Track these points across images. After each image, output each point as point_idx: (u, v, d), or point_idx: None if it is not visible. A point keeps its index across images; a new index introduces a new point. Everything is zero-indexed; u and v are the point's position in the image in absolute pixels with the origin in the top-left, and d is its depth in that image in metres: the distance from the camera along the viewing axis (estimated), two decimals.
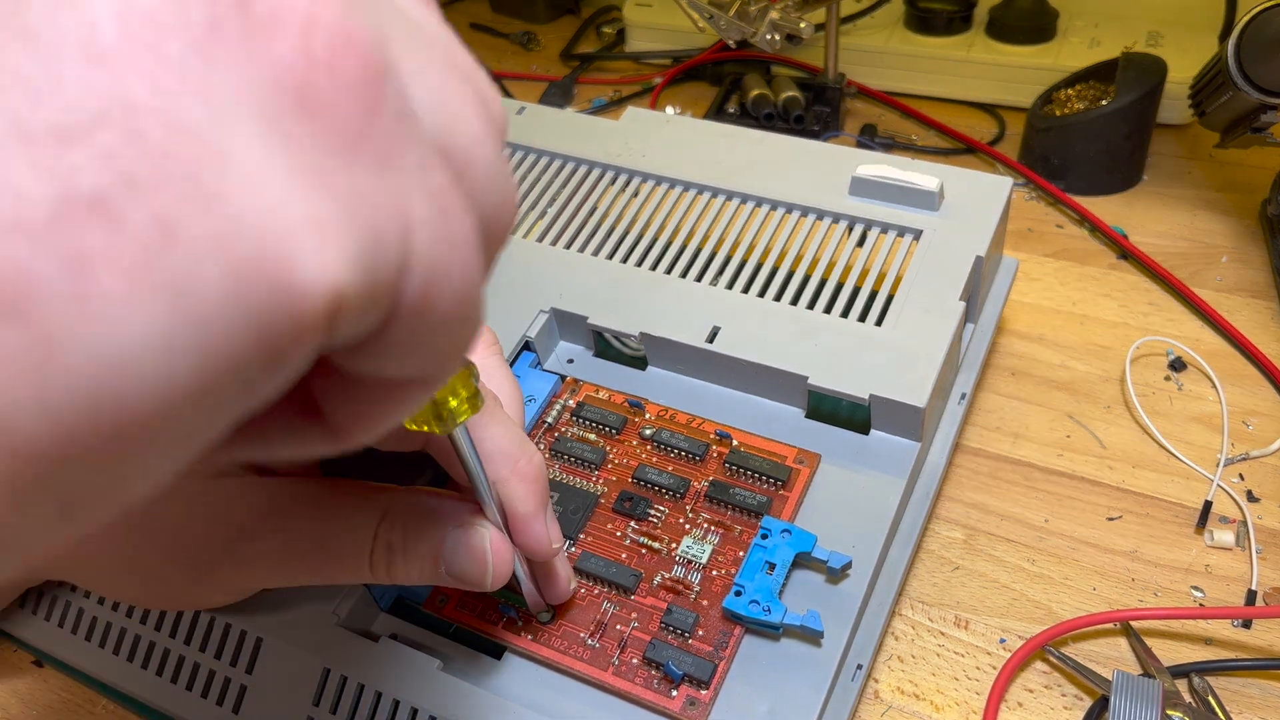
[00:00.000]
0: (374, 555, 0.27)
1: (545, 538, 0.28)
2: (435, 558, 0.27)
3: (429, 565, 0.27)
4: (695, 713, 0.29)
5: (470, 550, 0.27)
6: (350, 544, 0.27)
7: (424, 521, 0.27)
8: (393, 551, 0.27)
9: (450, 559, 0.27)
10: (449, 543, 0.27)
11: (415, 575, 0.28)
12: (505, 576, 0.28)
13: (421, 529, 0.27)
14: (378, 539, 0.27)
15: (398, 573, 0.28)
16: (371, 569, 0.27)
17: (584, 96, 0.71)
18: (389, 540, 0.27)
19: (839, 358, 0.36)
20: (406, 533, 0.27)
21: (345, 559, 0.27)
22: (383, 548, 0.27)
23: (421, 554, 0.27)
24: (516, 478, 0.28)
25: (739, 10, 0.57)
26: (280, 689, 0.31)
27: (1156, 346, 0.46)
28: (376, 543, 0.27)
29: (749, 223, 0.42)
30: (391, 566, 0.27)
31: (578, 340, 0.40)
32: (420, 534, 0.27)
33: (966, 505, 0.40)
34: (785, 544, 0.32)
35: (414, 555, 0.27)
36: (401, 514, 0.28)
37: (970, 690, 0.34)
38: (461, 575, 0.27)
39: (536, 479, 0.28)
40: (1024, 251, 0.52)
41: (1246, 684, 0.34)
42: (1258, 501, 0.39)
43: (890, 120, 0.65)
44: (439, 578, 0.27)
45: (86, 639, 0.35)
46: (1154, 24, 0.63)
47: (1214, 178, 0.56)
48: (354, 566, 0.27)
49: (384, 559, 0.27)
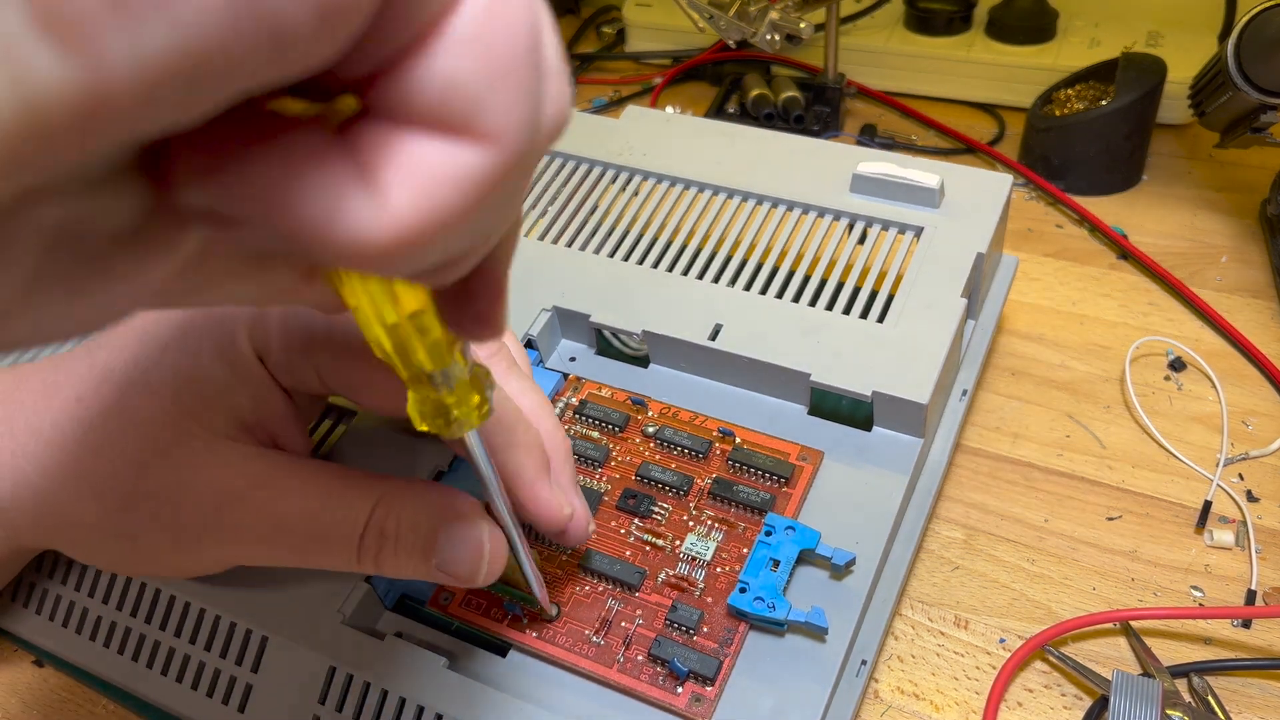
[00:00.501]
0: (364, 539, 0.27)
1: (552, 502, 0.28)
2: (428, 549, 0.26)
3: (419, 557, 0.27)
4: (700, 709, 0.29)
5: (466, 542, 0.26)
6: (341, 524, 0.27)
7: (421, 510, 0.27)
8: (384, 538, 0.27)
9: (444, 549, 0.26)
10: (444, 533, 0.26)
11: (404, 565, 0.27)
12: (497, 573, 0.27)
13: (418, 517, 0.27)
14: (370, 523, 0.27)
15: (385, 561, 0.27)
16: (359, 555, 0.27)
17: (584, 96, 0.71)
18: (382, 525, 0.27)
19: (841, 355, 0.36)
20: (401, 519, 0.27)
21: (334, 541, 0.27)
22: (375, 533, 0.27)
23: (414, 543, 0.27)
24: (513, 447, 0.27)
25: (739, 10, 0.57)
26: (286, 687, 0.31)
27: (1156, 346, 0.46)
28: (369, 527, 0.27)
29: (750, 220, 0.42)
30: (381, 553, 0.27)
31: (580, 338, 0.40)
32: (416, 522, 0.27)
33: (966, 505, 0.40)
34: (789, 541, 0.32)
35: (406, 544, 0.27)
36: (398, 500, 0.27)
37: (970, 690, 0.35)
38: (454, 568, 0.26)
39: (534, 447, 0.28)
40: (1024, 251, 0.53)
41: (1246, 684, 0.34)
42: (1257, 501, 0.39)
43: (890, 120, 0.65)
44: (428, 571, 0.27)
45: (91, 638, 0.35)
46: (1154, 24, 0.63)
47: (1214, 178, 0.57)
48: (342, 550, 0.27)
49: (374, 545, 0.27)
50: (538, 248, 0.42)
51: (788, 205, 0.42)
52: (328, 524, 0.27)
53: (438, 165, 0.13)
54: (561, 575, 0.33)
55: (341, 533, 0.27)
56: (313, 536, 0.27)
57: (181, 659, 0.33)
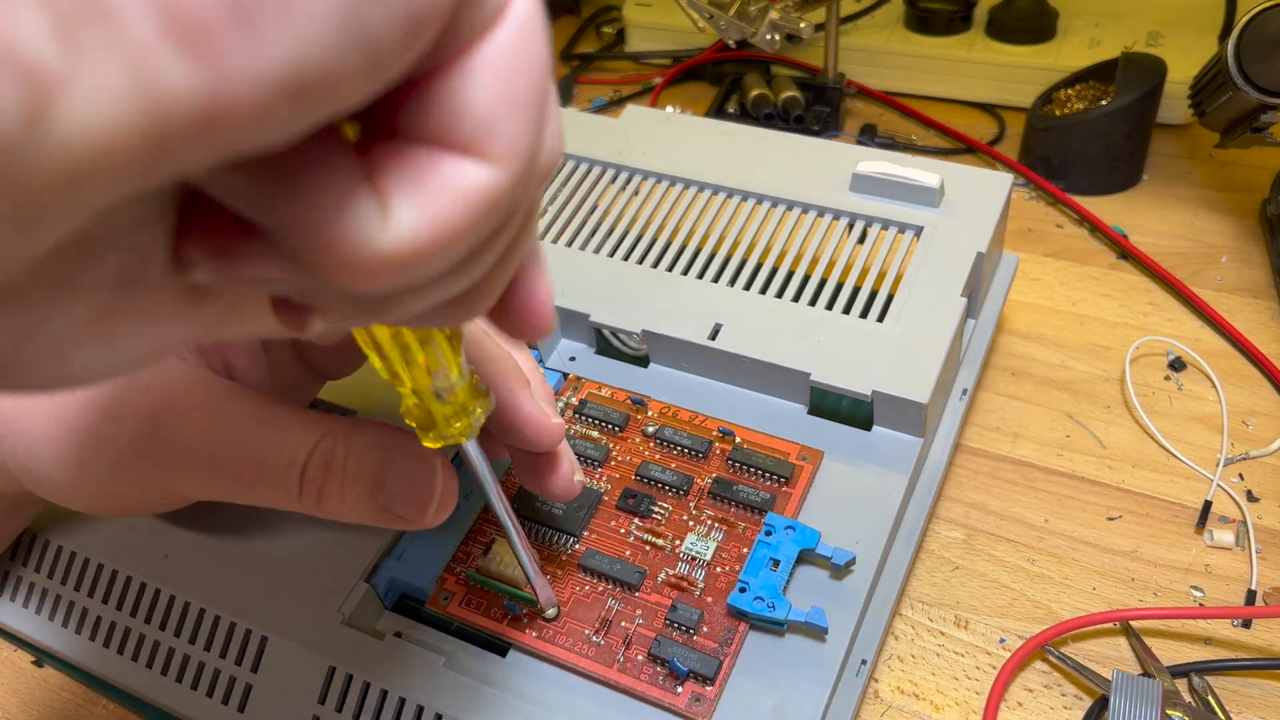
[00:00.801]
0: (308, 468, 0.25)
1: (537, 413, 0.27)
2: (376, 485, 0.25)
3: (366, 493, 0.25)
4: (700, 709, 0.29)
5: (417, 477, 0.25)
6: (284, 449, 0.25)
7: (371, 443, 0.26)
8: (330, 470, 0.25)
9: (393, 485, 0.25)
10: (395, 469, 0.25)
11: (349, 502, 0.26)
12: (446, 514, 0.26)
13: (367, 448, 0.25)
14: (316, 451, 0.25)
15: (330, 496, 0.25)
16: (302, 486, 0.25)
17: (584, 96, 0.71)
18: (329, 455, 0.25)
19: (841, 354, 0.36)
20: (350, 450, 0.25)
21: (275, 467, 0.25)
22: (319, 462, 0.25)
23: (361, 476, 0.25)
24: (487, 360, 0.26)
25: (739, 10, 0.57)
26: (285, 687, 0.31)
27: (1156, 346, 0.46)
28: (314, 456, 0.25)
29: (750, 220, 0.42)
30: (325, 488, 0.25)
31: (580, 338, 0.40)
32: (365, 454, 0.25)
33: (966, 505, 0.40)
34: (789, 540, 0.32)
35: (352, 477, 0.25)
36: (347, 433, 0.26)
37: (970, 690, 0.35)
38: (403, 506, 0.25)
39: (509, 362, 0.27)
40: (1024, 251, 0.53)
41: (1246, 684, 0.34)
42: (1257, 501, 0.39)
43: (890, 120, 0.65)
44: (375, 512, 0.26)
45: (90, 638, 0.35)
46: (1154, 24, 0.63)
47: (1214, 178, 0.57)
48: (284, 478, 0.25)
49: (319, 475, 0.25)
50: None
51: (788, 205, 0.42)
52: (270, 449, 0.26)
53: (449, 180, 0.13)
54: (561, 575, 0.33)
55: (284, 458, 0.25)
56: (254, 463, 0.26)
57: (181, 659, 0.33)
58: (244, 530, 0.34)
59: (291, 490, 0.26)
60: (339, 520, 0.26)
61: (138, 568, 0.34)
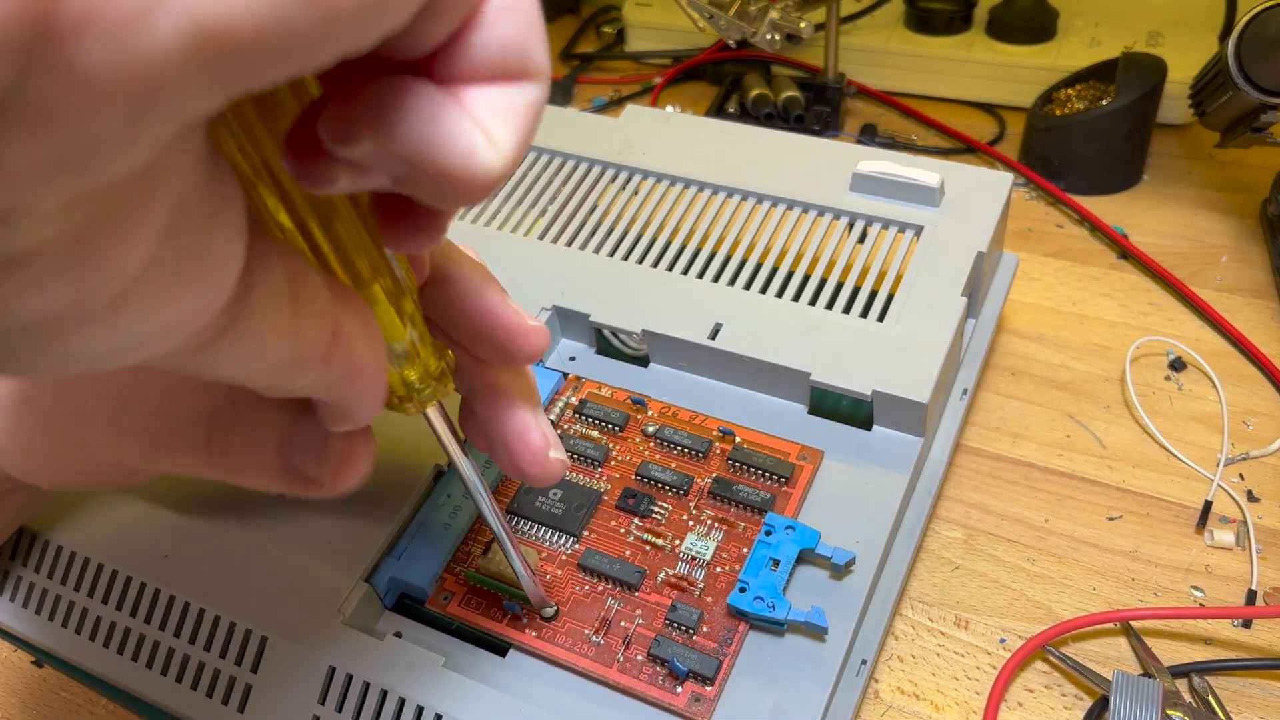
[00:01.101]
0: (218, 419, 0.25)
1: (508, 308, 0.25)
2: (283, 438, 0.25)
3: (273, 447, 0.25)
4: (700, 709, 0.29)
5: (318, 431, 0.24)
6: (200, 400, 0.25)
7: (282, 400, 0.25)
8: (238, 420, 0.25)
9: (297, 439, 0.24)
10: (301, 423, 0.24)
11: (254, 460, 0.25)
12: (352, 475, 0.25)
13: (280, 405, 0.25)
14: (227, 403, 0.25)
15: (235, 450, 0.25)
16: (210, 440, 0.25)
17: (584, 96, 0.71)
18: (238, 407, 0.25)
19: (841, 354, 0.36)
20: (260, 401, 0.25)
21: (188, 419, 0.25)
22: (228, 414, 0.25)
23: (270, 430, 0.25)
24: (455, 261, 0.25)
25: (739, 10, 0.57)
26: (285, 687, 0.31)
27: (1156, 346, 0.46)
28: (224, 407, 0.25)
29: (750, 219, 0.42)
30: (231, 441, 0.25)
31: (580, 338, 0.40)
32: (276, 409, 0.25)
33: (966, 505, 0.40)
34: (789, 540, 0.32)
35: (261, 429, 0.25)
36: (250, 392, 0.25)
37: (970, 690, 0.35)
38: (303, 459, 0.24)
39: (479, 267, 0.26)
40: (1024, 251, 0.53)
41: (1246, 684, 0.34)
42: (1258, 501, 0.39)
43: (890, 120, 0.65)
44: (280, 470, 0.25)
45: (90, 638, 0.35)
46: (1154, 24, 0.63)
47: (1214, 178, 0.57)
48: (192, 431, 0.25)
49: (226, 426, 0.25)
50: (538, 247, 0.42)
51: (788, 204, 0.42)
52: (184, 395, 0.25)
53: (520, 104, 0.17)
54: (561, 575, 0.33)
55: (198, 407, 0.25)
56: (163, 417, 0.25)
57: (181, 659, 0.33)
58: (244, 530, 0.34)
59: (200, 443, 0.25)
60: (245, 485, 0.26)
61: (138, 568, 0.34)
